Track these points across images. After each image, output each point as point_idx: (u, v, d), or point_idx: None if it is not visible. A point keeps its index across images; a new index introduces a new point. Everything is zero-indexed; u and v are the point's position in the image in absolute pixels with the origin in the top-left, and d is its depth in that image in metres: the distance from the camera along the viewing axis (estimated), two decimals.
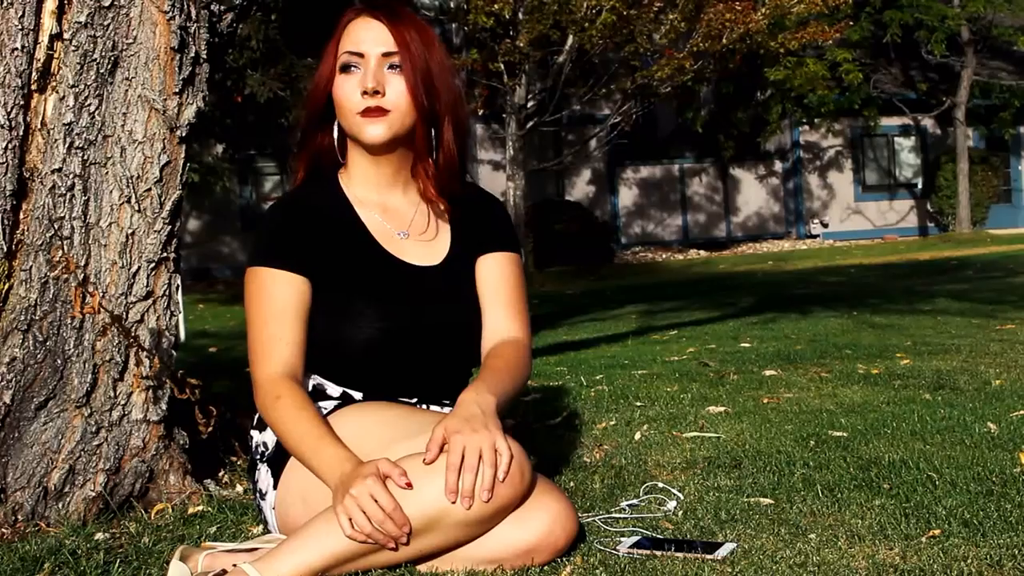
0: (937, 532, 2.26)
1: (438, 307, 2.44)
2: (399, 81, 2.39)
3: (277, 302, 2.35)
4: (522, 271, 2.61)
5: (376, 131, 2.40)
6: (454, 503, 2.05)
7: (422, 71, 2.40)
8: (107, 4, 2.77)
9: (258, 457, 2.42)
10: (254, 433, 2.45)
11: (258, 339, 2.36)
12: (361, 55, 2.40)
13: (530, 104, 18.70)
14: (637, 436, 3.52)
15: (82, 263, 2.77)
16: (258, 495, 2.42)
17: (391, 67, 2.40)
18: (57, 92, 2.81)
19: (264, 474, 2.38)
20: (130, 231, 2.79)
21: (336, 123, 2.47)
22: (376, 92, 2.38)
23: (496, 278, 2.54)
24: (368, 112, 2.39)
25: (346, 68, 2.41)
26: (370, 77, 2.38)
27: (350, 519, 2.05)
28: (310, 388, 2.42)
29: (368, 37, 2.40)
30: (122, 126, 2.79)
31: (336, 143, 2.49)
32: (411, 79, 2.39)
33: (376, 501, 2.04)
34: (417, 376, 2.45)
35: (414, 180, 2.51)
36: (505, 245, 2.59)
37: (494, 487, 2.07)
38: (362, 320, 2.36)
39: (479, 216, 2.59)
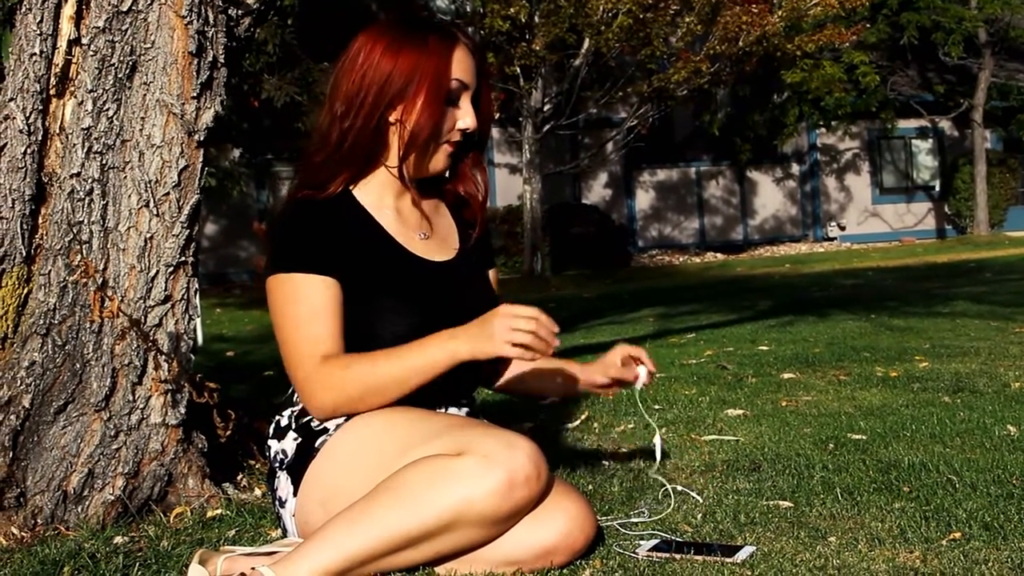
0: (958, 535, 2.25)
1: (464, 300, 2.44)
2: None
3: (312, 304, 2.30)
4: None
5: (447, 163, 2.46)
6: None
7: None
8: (125, 9, 2.77)
9: (277, 465, 2.41)
10: (272, 443, 2.44)
11: (293, 343, 2.30)
12: (467, 87, 2.41)
13: (546, 107, 18.73)
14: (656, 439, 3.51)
15: (101, 267, 2.78)
16: (277, 503, 2.42)
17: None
18: (76, 97, 2.82)
19: (284, 482, 2.37)
20: (148, 235, 2.80)
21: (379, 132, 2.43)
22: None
23: (493, 298, 2.59)
24: (452, 145, 2.43)
25: (455, 97, 2.39)
26: (473, 118, 2.41)
27: (510, 342, 2.14)
28: None
29: (470, 69, 2.41)
30: (140, 130, 2.80)
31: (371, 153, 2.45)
32: (488, 119, 2.48)
33: (519, 317, 2.14)
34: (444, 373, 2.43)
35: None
36: (493, 259, 2.71)
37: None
38: (396, 318, 2.34)
39: (468, 220, 2.61)
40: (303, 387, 2.31)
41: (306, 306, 2.30)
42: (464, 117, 2.40)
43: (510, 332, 2.14)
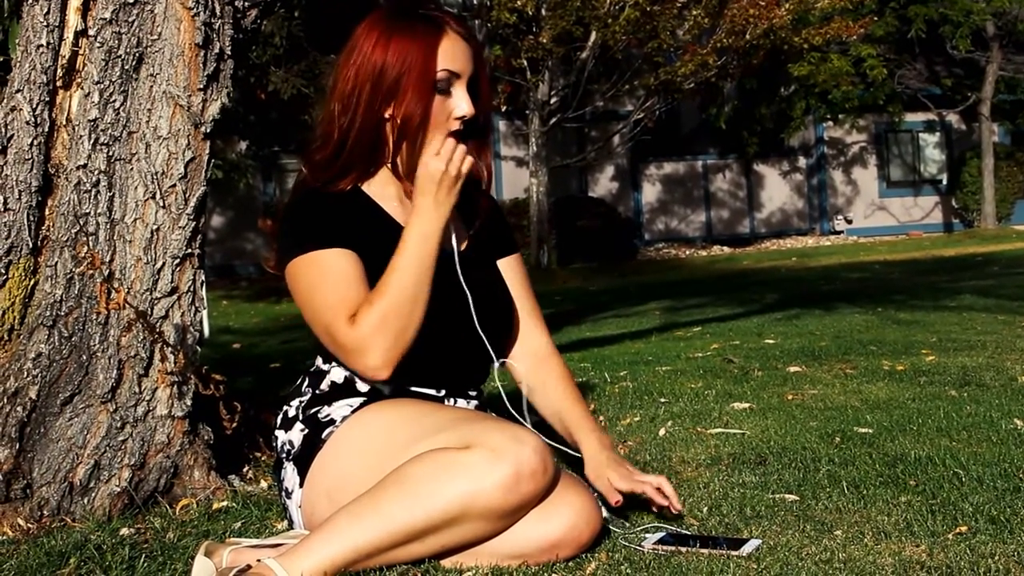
0: (964, 529, 2.25)
1: (472, 288, 2.43)
2: None
3: (338, 274, 2.31)
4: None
5: None
6: None
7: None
8: (132, 1, 2.77)
9: (284, 456, 2.41)
10: (279, 433, 2.44)
11: (325, 312, 2.30)
12: (459, 75, 2.39)
13: (553, 100, 18.71)
14: (661, 432, 3.51)
15: (107, 259, 2.78)
16: (283, 494, 2.42)
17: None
18: (82, 88, 2.82)
19: (290, 472, 2.38)
20: (155, 227, 2.80)
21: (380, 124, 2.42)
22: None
23: (517, 283, 2.62)
24: (451, 135, 2.39)
25: (444, 87, 2.38)
26: (469, 104, 2.39)
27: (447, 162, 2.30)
28: (341, 380, 2.41)
29: (463, 56, 2.39)
30: (147, 122, 2.80)
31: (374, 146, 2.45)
32: (488, 106, 2.47)
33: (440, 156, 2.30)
34: (450, 361, 2.43)
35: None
36: (513, 245, 2.68)
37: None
38: None
39: (477, 207, 2.59)
40: (352, 348, 2.29)
41: (333, 277, 2.31)
42: (459, 104, 2.39)
43: (447, 166, 2.29)
